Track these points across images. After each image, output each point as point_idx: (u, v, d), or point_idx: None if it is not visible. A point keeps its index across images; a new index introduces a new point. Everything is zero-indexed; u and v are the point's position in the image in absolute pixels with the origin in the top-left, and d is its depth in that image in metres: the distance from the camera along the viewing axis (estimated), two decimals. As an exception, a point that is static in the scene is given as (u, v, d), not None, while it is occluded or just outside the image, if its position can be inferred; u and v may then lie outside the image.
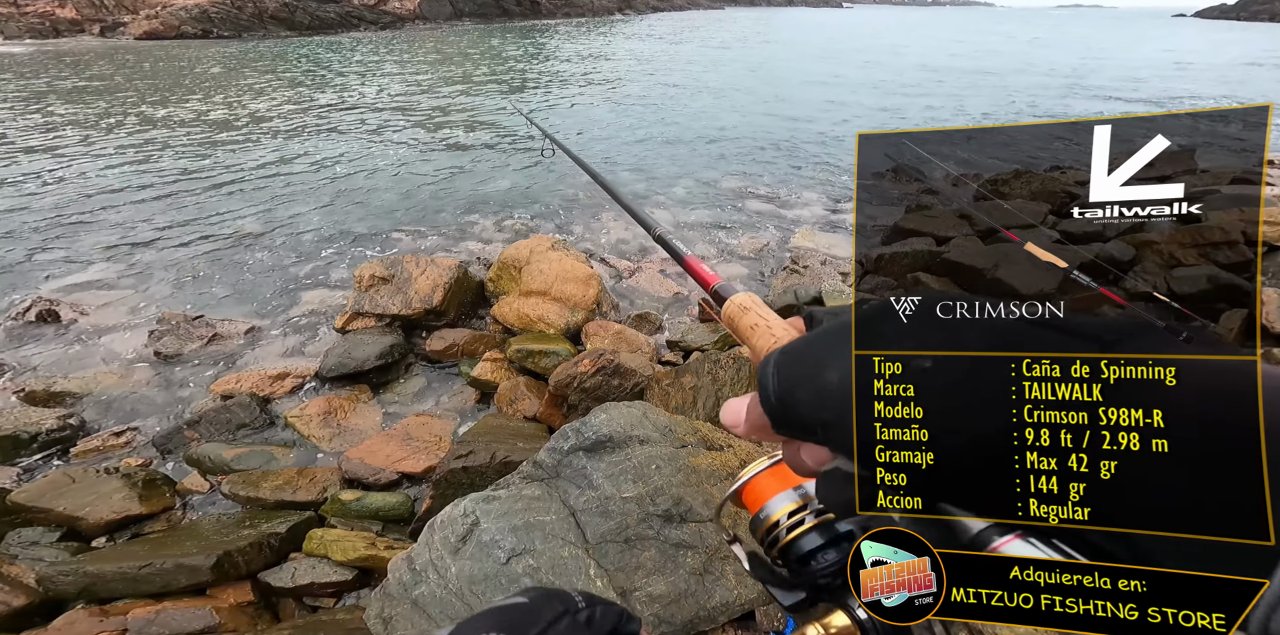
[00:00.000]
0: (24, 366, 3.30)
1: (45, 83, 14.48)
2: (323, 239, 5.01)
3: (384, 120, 9.95)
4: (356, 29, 41.71)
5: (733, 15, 61.92)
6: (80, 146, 8.09)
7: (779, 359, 0.27)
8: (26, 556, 1.76)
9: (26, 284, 4.29)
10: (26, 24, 32.67)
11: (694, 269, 0.54)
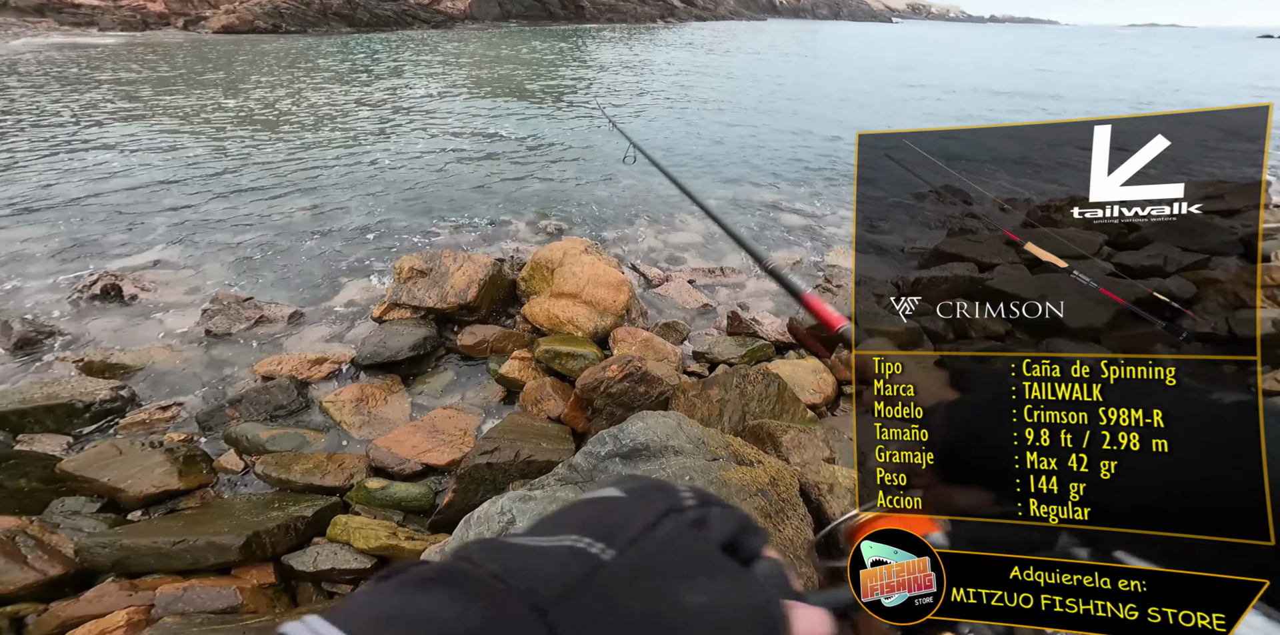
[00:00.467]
0: (86, 338, 3.42)
1: (133, 73, 15.20)
2: (367, 229, 5.09)
3: (430, 116, 10.11)
4: (410, 27, 42.77)
5: (774, 27, 61.10)
6: (156, 132, 8.44)
7: (953, 409, 0.29)
8: (67, 526, 1.79)
9: (95, 259, 4.46)
10: (120, 17, 34.57)
11: (817, 310, 0.51)
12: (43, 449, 2.35)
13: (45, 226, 5.00)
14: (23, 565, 1.51)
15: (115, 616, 1.39)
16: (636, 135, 8.28)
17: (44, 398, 2.62)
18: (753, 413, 2.47)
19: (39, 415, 2.53)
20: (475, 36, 33.58)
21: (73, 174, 6.39)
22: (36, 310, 3.68)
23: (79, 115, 9.52)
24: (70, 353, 3.22)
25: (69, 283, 4.04)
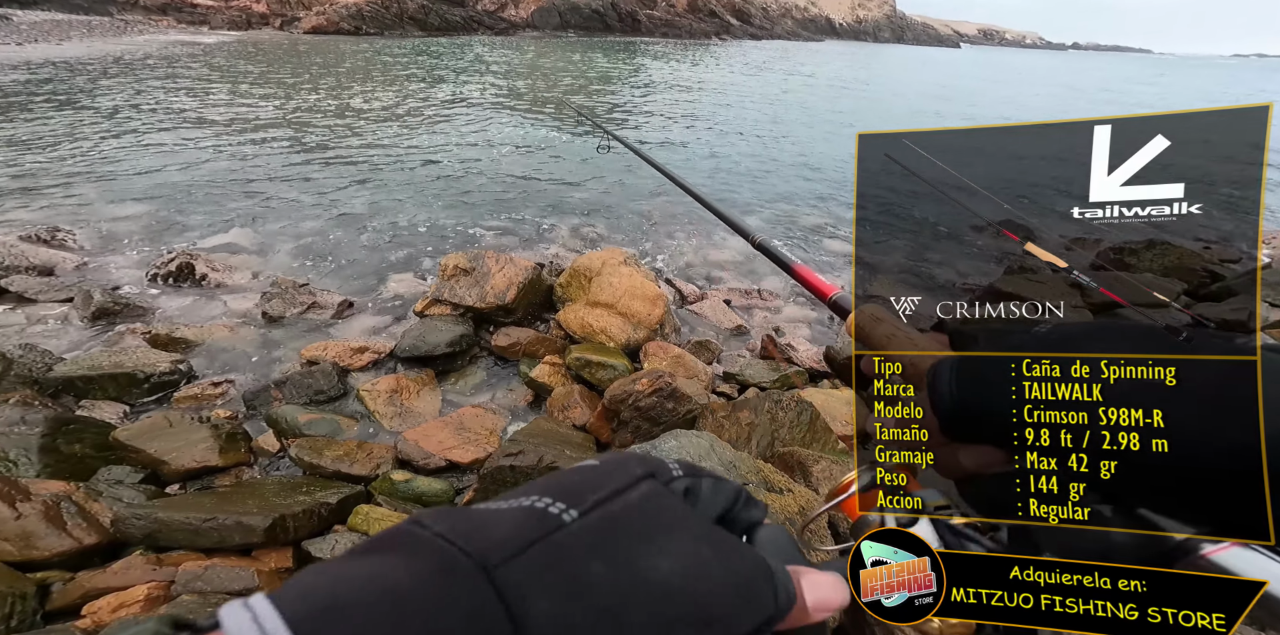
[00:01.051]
0: (156, 312, 3.57)
1: (233, 69, 16.20)
2: (417, 226, 5.19)
3: (485, 120, 10.33)
4: (475, 32, 44.27)
5: (833, 48, 59.85)
6: (245, 123, 8.91)
7: (960, 365, 0.28)
8: (110, 495, 1.82)
9: (175, 238, 4.68)
10: (229, 16, 37.29)
11: (807, 278, 0.50)
12: (101, 416, 2.43)
13: (138, 206, 5.30)
14: (61, 532, 1.53)
15: (136, 591, 1.38)
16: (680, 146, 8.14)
17: (110, 366, 2.72)
18: (783, 439, 2.33)
19: (103, 383, 2.62)
20: (533, 45, 34.37)
21: (170, 158, 6.79)
22: (116, 283, 3.88)
23: (185, 105, 10.17)
24: (140, 325, 3.36)
25: (149, 259, 4.25)
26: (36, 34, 21.76)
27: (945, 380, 0.28)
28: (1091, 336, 0.26)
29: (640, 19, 54.55)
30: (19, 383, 2.46)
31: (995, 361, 0.28)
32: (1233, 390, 0.21)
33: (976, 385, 0.27)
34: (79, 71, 14.06)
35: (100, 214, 5.04)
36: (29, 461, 1.92)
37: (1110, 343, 0.25)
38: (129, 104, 10.08)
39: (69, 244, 4.44)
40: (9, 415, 2.09)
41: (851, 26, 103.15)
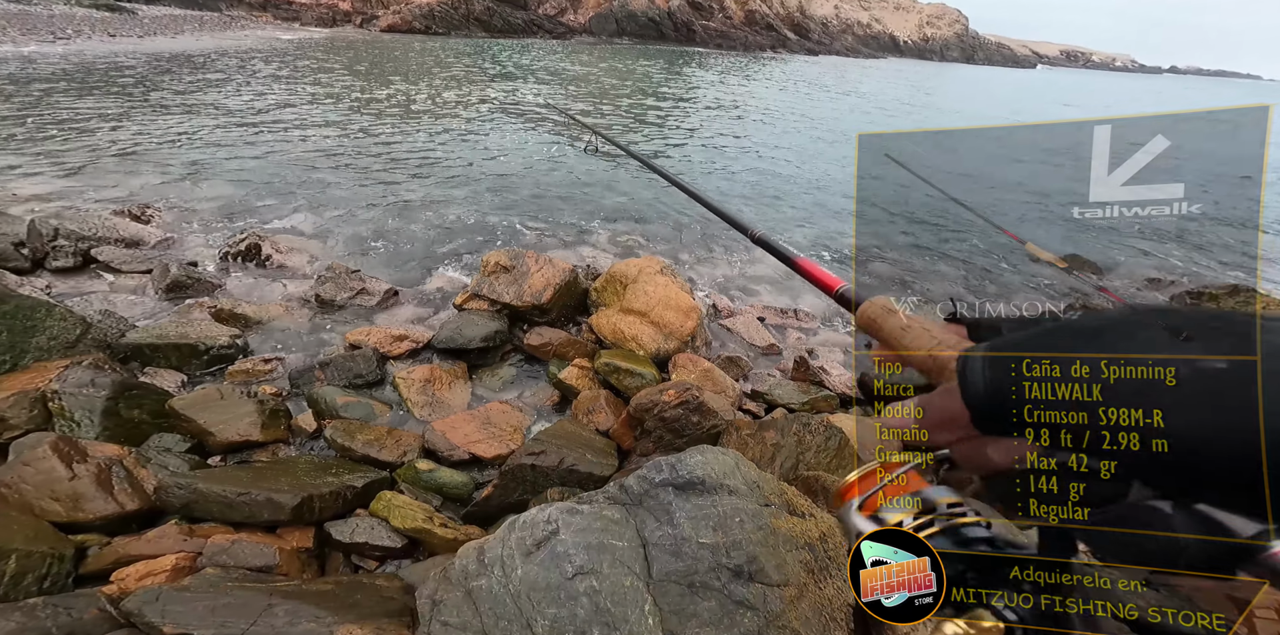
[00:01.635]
0: (223, 287, 3.74)
1: (317, 64, 17.03)
2: (464, 221, 5.28)
3: (536, 120, 10.48)
4: (535, 35, 45.17)
5: (895, 66, 57.70)
6: (321, 114, 9.33)
7: (991, 357, 0.26)
8: (157, 462, 1.88)
9: (247, 220, 4.91)
10: (317, 13, 39.59)
11: (810, 272, 0.48)
12: (161, 384, 2.54)
13: (219, 188, 5.60)
14: (108, 496, 1.59)
15: (164, 560, 1.41)
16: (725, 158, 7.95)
17: (176, 336, 2.85)
18: (807, 463, 2.22)
19: (168, 352, 2.74)
20: (588, 50, 34.65)
21: (252, 145, 7.17)
22: (191, 258, 4.08)
23: (272, 97, 10.74)
24: (207, 299, 3.52)
25: (222, 238, 4.47)
26: (156, 27, 23.59)
27: (978, 371, 0.26)
28: (1136, 324, 0.24)
29: (695, 29, 54.38)
30: (94, 346, 2.60)
31: (1031, 349, 0.26)
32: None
33: (1011, 376, 0.25)
34: (187, 63, 15.07)
35: (185, 194, 5.35)
36: (91, 423, 2.01)
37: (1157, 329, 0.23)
38: (224, 95, 10.72)
39: (155, 220, 4.72)
40: (80, 377, 2.19)
41: (917, 45, 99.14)
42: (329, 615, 1.32)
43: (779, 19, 67.83)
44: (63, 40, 16.55)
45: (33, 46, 14.94)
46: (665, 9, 53.12)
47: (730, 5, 61.52)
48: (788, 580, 1.40)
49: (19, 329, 2.44)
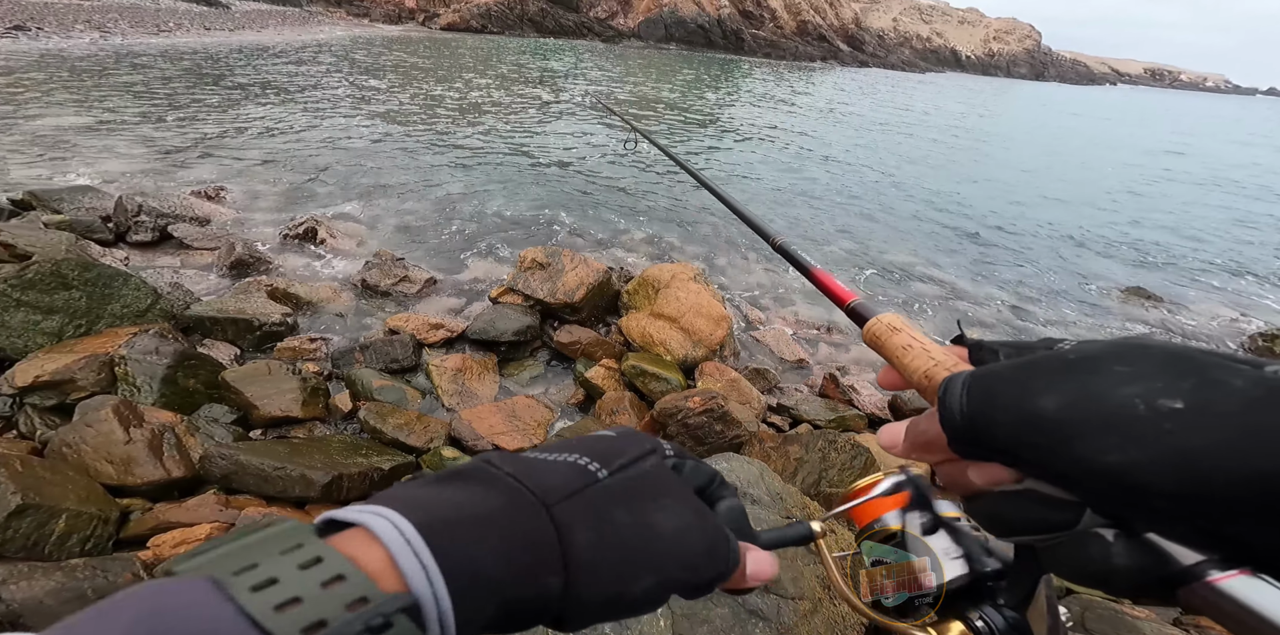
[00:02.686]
0: (280, 268, 3.89)
1: (381, 59, 17.64)
2: (505, 216, 5.34)
3: (582, 120, 10.51)
4: (585, 37, 45.48)
5: (956, 82, 54.53)
6: (381, 108, 9.64)
7: (973, 381, 0.27)
8: (205, 431, 1.96)
9: (306, 204, 5.10)
10: (385, 10, 41.21)
11: (825, 284, 0.48)
12: (217, 355, 2.65)
13: (285, 174, 5.85)
14: (157, 461, 1.66)
15: (199, 529, 1.45)
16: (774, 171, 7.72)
17: (234, 311, 2.97)
18: (830, 480, 2.13)
19: (225, 326, 2.86)
20: (636, 54, 34.55)
21: (318, 135, 7.47)
22: (255, 239, 4.27)
23: (340, 90, 11.19)
24: (265, 278, 3.66)
25: (284, 220, 4.65)
26: (245, 21, 25.01)
27: (956, 395, 0.26)
28: (1115, 357, 0.24)
29: (745, 38, 53.61)
30: (161, 316, 2.73)
31: (1008, 378, 0.26)
32: (1256, 416, 0.20)
33: (987, 402, 0.25)
34: (269, 56, 15.86)
35: (256, 178, 5.61)
36: (150, 389, 2.11)
37: (1133, 364, 0.24)
38: (298, 87, 11.22)
39: (226, 202, 4.96)
40: (146, 344, 2.31)
41: (981, 60, 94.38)
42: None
43: (832, 30, 66.08)
44: (165, 33, 17.70)
45: (140, 38, 16.04)
46: (715, 17, 52.57)
47: (782, 15, 60.34)
48: (803, 594, 1.39)
49: (98, 296, 2.59)
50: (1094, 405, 0.23)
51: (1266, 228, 8.10)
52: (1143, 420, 0.22)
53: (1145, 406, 0.22)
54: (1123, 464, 0.21)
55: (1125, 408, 0.22)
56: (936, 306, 4.53)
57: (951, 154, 11.65)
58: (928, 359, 0.33)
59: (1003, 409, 0.25)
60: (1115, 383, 0.23)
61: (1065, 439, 0.23)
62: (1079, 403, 0.23)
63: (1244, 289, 5.57)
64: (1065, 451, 0.23)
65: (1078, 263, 5.86)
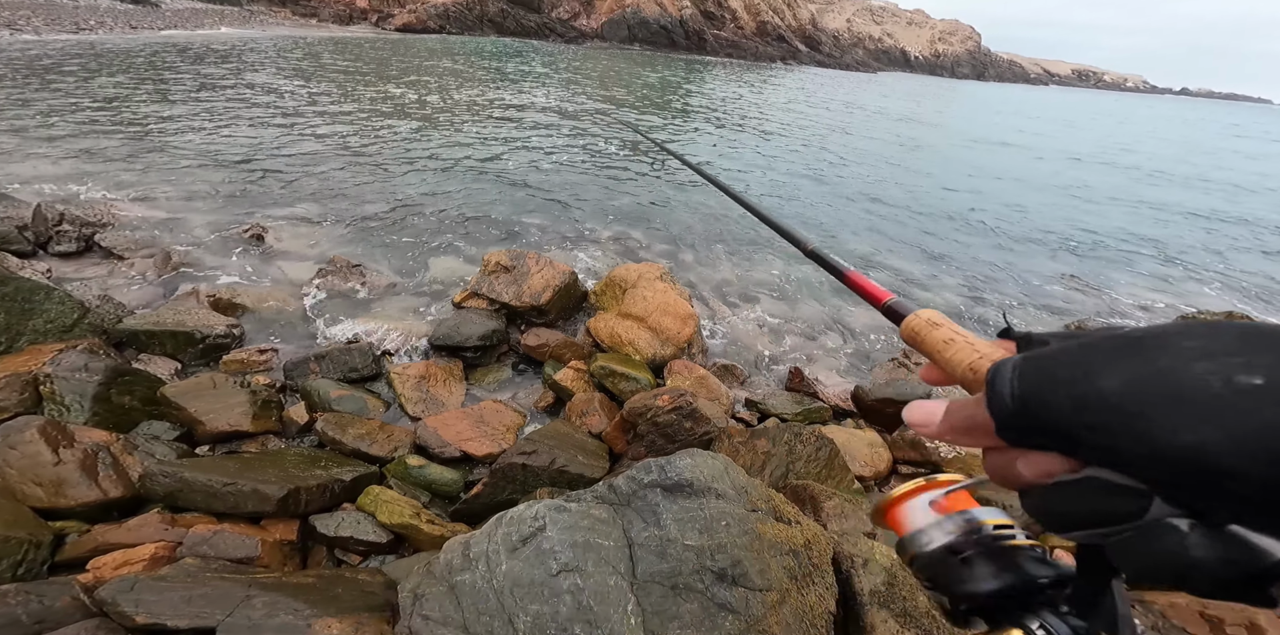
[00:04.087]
0: (223, 276, 3.73)
1: (331, 59, 17.11)
2: (467, 218, 5.27)
3: (544, 122, 10.52)
4: (547, 38, 45.38)
5: (903, 80, 57.70)
6: (329, 109, 9.37)
7: (1024, 364, 0.26)
8: (144, 449, 1.87)
9: (250, 208, 4.91)
10: (335, 10, 39.80)
11: (861, 285, 0.48)
12: (155, 370, 2.53)
13: (226, 176, 5.61)
14: (92, 482, 1.57)
15: (143, 549, 1.39)
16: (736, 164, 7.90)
17: (173, 324, 2.84)
18: (797, 472, 2.21)
19: (163, 339, 2.73)
20: (601, 55, 34.71)
21: (263, 136, 7.19)
22: (194, 245, 4.08)
23: (285, 90, 10.80)
24: (206, 287, 3.51)
25: (226, 225, 4.46)
26: (177, 20, 23.80)
27: (1005, 379, 0.25)
28: (1183, 334, 0.23)
29: (707, 38, 54.71)
30: (90, 330, 2.59)
31: (1064, 359, 0.25)
32: None
33: (1041, 383, 0.24)
34: (204, 55, 15.17)
35: (192, 182, 5.36)
36: (81, 408, 1.99)
37: (1203, 340, 0.22)
38: (235, 86, 10.78)
39: (161, 207, 4.72)
40: (74, 361, 2.18)
41: (928, 60, 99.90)
42: (308, 608, 1.30)
43: (791, 31, 68.26)
44: (85, 30, 16.69)
45: (53, 35, 15.06)
46: (677, 17, 53.45)
47: (742, 16, 61.95)
48: (770, 585, 1.41)
49: (16, 311, 2.43)
50: (1163, 382, 0.21)
51: (1179, 216, 8.82)
52: (1220, 398, 0.20)
53: (1222, 383, 0.21)
54: (1198, 445, 0.20)
55: (1199, 385, 0.21)
56: (896, 291, 4.72)
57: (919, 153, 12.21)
58: (972, 352, 0.32)
59: (1059, 390, 0.24)
60: (1187, 359, 0.22)
61: (1131, 418, 0.22)
62: (1146, 380, 0.22)
63: (1163, 272, 6.08)
64: (1131, 432, 0.21)
65: (1019, 251, 6.26)
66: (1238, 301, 5.46)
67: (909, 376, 3.29)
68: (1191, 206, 9.71)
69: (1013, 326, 0.32)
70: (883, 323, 4.21)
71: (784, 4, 68.64)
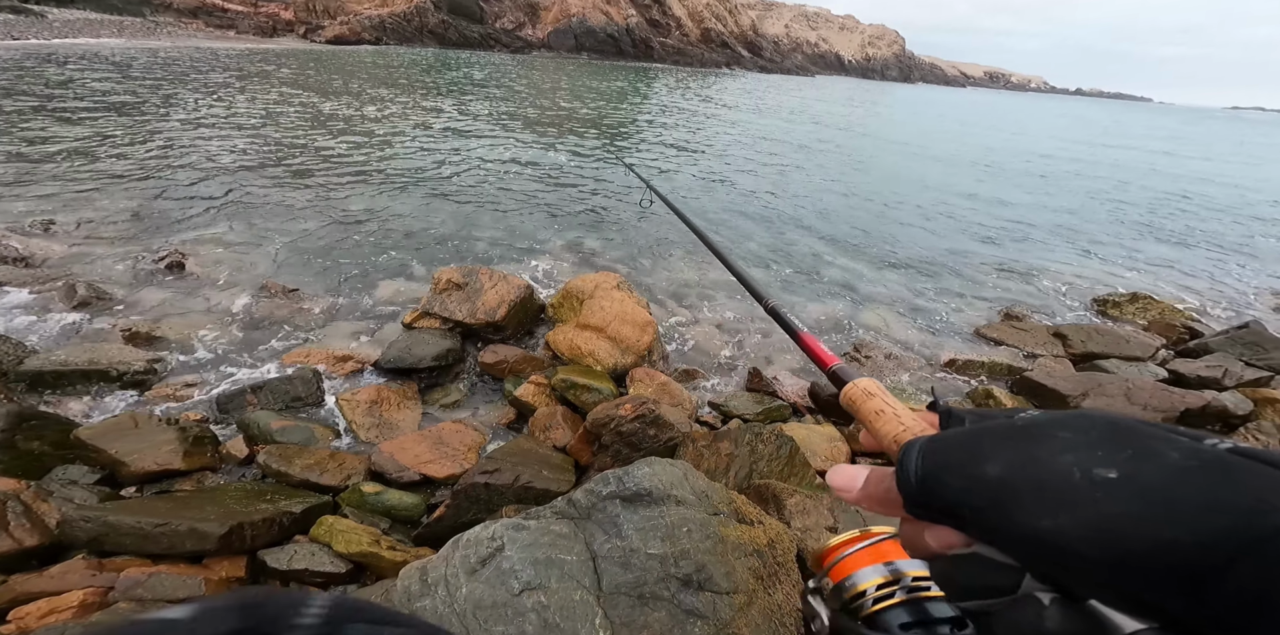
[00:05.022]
0: (139, 307, 3.54)
1: (252, 72, 16.52)
2: (413, 235, 5.21)
3: (489, 134, 10.56)
4: (492, 49, 45.40)
5: (845, 84, 61.35)
6: (251, 126, 9.04)
7: (927, 446, 0.29)
8: (60, 495, 1.76)
9: (167, 233, 4.68)
10: (256, 22, 38.20)
11: (811, 348, 0.52)
12: (68, 412, 2.38)
13: (135, 199, 5.32)
14: (3, 532, 1.47)
15: (70, 596, 1.32)
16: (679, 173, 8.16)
17: (84, 362, 2.68)
18: (760, 472, 2.31)
19: (74, 379, 2.57)
20: (548, 65, 35.11)
21: (172, 155, 6.85)
22: (103, 276, 3.85)
23: (196, 106, 10.34)
24: (120, 320, 3.32)
25: (138, 253, 4.24)
26: (68, 31, 22.34)
27: (912, 459, 0.28)
28: (1062, 425, 0.26)
29: (653, 46, 56.41)
30: (-14, 373, 2.41)
31: (959, 443, 0.28)
32: (1181, 488, 0.22)
33: (938, 466, 0.27)
34: (102, 69, 14.33)
35: (96, 207, 5.05)
36: (-18, 456, 1.86)
37: (1076, 432, 0.26)
38: (140, 102, 10.25)
39: (59, 235, 4.43)
40: (-31, 407, 2.03)
41: (860, 64, 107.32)
42: (261, 646, 1.27)
43: (733, 37, 71.41)
44: (-46, 41, 15.43)
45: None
46: (623, 25, 54.86)
47: (687, 23, 64.38)
48: (736, 587, 1.45)
49: (-106, 357, 2.24)
50: (1033, 471, 0.24)
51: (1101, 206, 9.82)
52: (1076, 488, 0.23)
53: (1081, 474, 0.23)
54: (1055, 530, 0.23)
55: (1062, 475, 0.24)
56: (842, 289, 5.01)
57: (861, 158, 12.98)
58: (898, 424, 0.35)
59: (951, 473, 0.27)
60: (1056, 450, 0.25)
61: (1003, 503, 0.24)
62: (1020, 468, 0.25)
63: (1079, 259, 6.73)
64: (1002, 515, 0.24)
65: (955, 243, 6.80)
66: (1129, 274, 6.12)
67: (860, 370, 3.49)
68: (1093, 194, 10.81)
69: (939, 400, 0.34)
70: (833, 320, 4.47)
71: (725, 11, 71.90)
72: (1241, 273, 6.89)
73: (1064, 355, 3.87)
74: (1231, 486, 0.21)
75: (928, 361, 3.86)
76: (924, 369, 3.77)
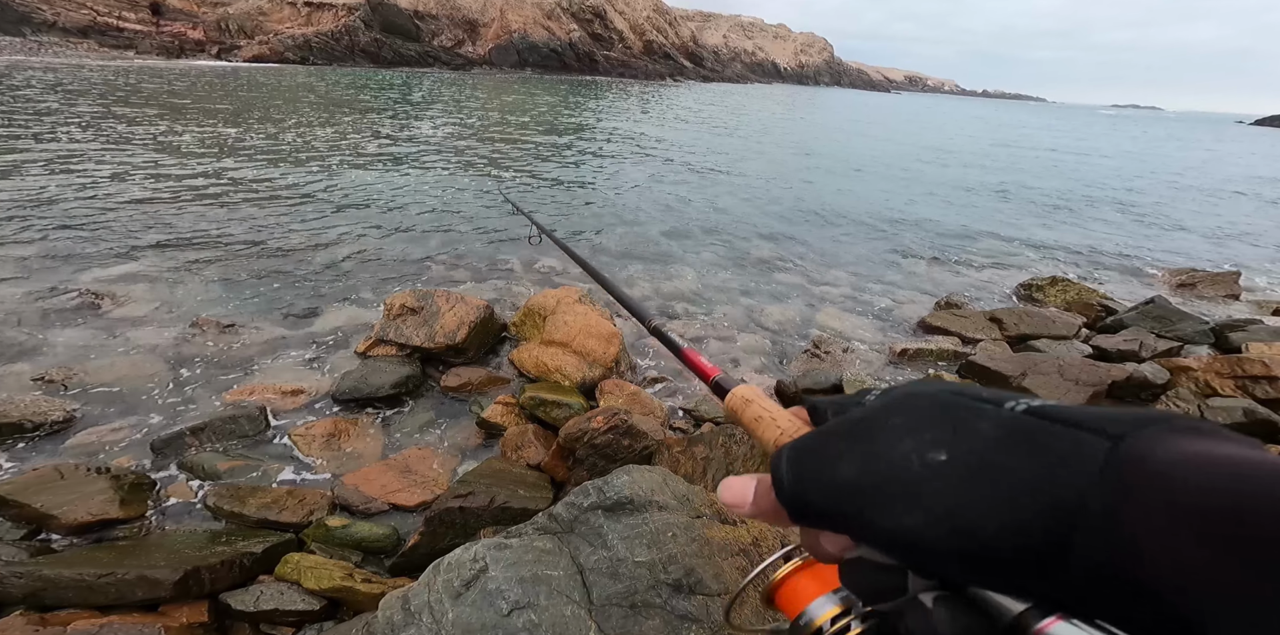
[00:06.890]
0: (53, 352, 3.35)
1: (159, 94, 15.85)
2: (359, 260, 5.15)
3: (435, 154, 10.57)
4: (431, 67, 45.17)
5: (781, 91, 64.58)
6: (165, 153, 8.71)
7: (790, 454, 0.28)
8: (-12, 552, 1.67)
9: (77, 270, 4.45)
10: (159, 42, 36.56)
11: (693, 362, 0.54)
12: (-21, 467, 2.24)
13: (36, 235, 5.03)
14: (-72, 593, 1.39)
15: (15, 656, 1.26)
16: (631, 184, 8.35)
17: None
18: (737, 472, 2.41)
19: (-15, 431, 2.42)
20: (490, 83, 35.33)
21: (77, 186, 6.52)
22: (5, 320, 3.62)
23: (96, 133, 9.85)
24: (31, 366, 3.14)
25: (46, 293, 4.01)
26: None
27: (782, 469, 0.28)
28: (892, 410, 0.27)
29: (597, 59, 57.91)
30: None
31: (812, 448, 0.28)
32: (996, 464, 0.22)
33: (801, 475, 0.27)
34: (-25, 94, 13.42)
35: (-11, 245, 4.75)
36: (-113, 519, 1.74)
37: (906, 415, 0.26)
38: (20, 126, 9.68)
39: (-51, 278, 4.14)
40: None
41: (795, 71, 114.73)
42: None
43: (675, 48, 74.39)
44: None
45: None
46: (566, 40, 56.10)
47: (629, 36, 66.66)
48: (727, 588, 1.51)
49: None
50: (881, 467, 0.25)
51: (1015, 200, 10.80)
52: (919, 479, 0.23)
53: (919, 462, 0.24)
54: (912, 528, 0.23)
55: (904, 465, 0.24)
56: (796, 291, 5.29)
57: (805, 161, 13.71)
58: (775, 429, 0.35)
59: (813, 479, 0.26)
60: (894, 439, 0.25)
61: (862, 508, 0.24)
62: (869, 466, 0.25)
63: (1002, 248, 7.39)
64: (865, 520, 0.24)
65: (891, 239, 7.33)
66: (1045, 259, 6.77)
67: (821, 365, 3.74)
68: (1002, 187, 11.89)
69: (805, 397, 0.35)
70: (793, 317, 4.71)
71: (666, 23, 75.09)
72: (1139, 250, 7.80)
73: (1001, 338, 4.19)
74: (1038, 458, 0.22)
75: (881, 353, 4.14)
76: (879, 360, 4.03)
